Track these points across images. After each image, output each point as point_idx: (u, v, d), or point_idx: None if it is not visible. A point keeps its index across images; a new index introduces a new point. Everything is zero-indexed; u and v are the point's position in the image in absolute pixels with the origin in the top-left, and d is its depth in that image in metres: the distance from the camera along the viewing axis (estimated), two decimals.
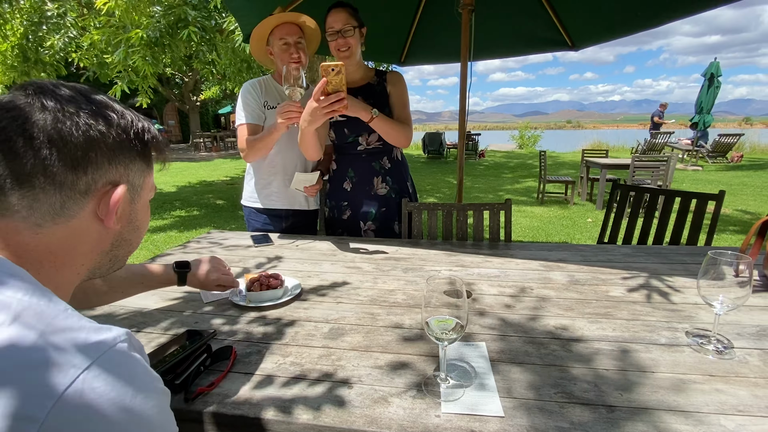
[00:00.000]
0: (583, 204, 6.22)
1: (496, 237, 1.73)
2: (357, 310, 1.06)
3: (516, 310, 1.04)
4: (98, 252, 0.51)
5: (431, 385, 0.74)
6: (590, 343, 0.87)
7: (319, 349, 0.87)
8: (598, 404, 0.68)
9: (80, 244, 0.48)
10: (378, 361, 0.82)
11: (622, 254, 1.47)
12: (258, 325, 0.99)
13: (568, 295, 1.13)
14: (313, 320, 1.00)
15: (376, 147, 1.74)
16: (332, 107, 1.26)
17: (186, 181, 9.14)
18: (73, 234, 0.47)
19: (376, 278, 1.27)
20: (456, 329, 0.70)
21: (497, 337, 0.91)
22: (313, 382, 0.76)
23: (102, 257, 0.52)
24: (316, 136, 1.50)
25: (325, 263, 1.42)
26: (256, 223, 1.86)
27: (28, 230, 0.44)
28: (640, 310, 1.03)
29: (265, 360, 0.84)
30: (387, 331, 0.94)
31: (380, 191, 1.77)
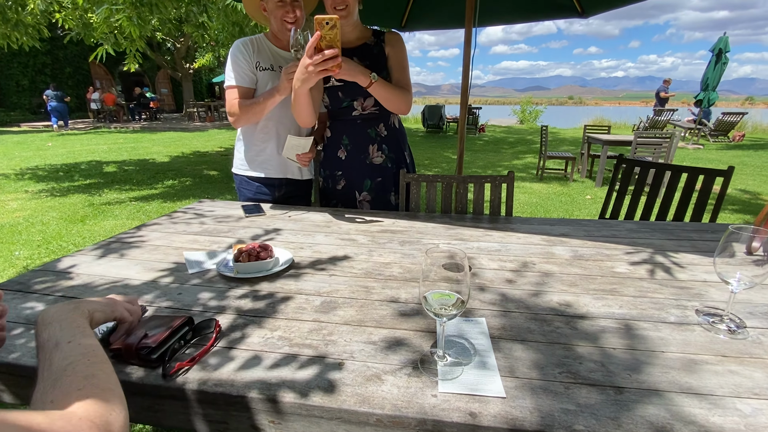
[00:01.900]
0: (582, 181, 6.15)
1: (496, 211, 1.67)
2: (351, 283, 1.00)
3: (518, 285, 0.99)
4: None
5: (428, 362, 0.70)
6: (596, 321, 0.83)
7: (310, 323, 0.82)
8: (605, 385, 0.64)
9: None
10: (372, 336, 0.78)
11: (627, 230, 1.42)
12: (245, 297, 0.93)
13: (571, 270, 1.08)
14: (304, 293, 0.95)
15: (371, 112, 1.64)
16: (326, 64, 1.16)
17: (179, 151, 8.95)
18: None
19: (372, 251, 1.21)
20: (456, 305, 0.64)
21: (498, 313, 0.86)
22: (301, 358, 0.71)
23: None
24: (309, 99, 1.41)
25: (318, 235, 1.36)
26: (247, 192, 1.78)
27: None
28: (647, 287, 0.98)
29: (252, 334, 0.79)
30: (382, 306, 0.89)
31: (376, 160, 1.69)
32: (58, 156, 8.09)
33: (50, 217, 4.13)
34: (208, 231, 1.39)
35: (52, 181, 5.79)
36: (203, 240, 1.30)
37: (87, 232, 3.72)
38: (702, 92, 9.90)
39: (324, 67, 1.18)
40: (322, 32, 1.12)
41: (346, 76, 1.35)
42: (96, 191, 5.23)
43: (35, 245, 3.39)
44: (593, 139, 6.13)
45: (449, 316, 0.65)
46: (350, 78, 1.37)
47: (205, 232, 1.39)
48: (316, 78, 1.24)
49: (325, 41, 1.13)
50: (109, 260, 1.13)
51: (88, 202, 4.68)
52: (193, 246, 1.25)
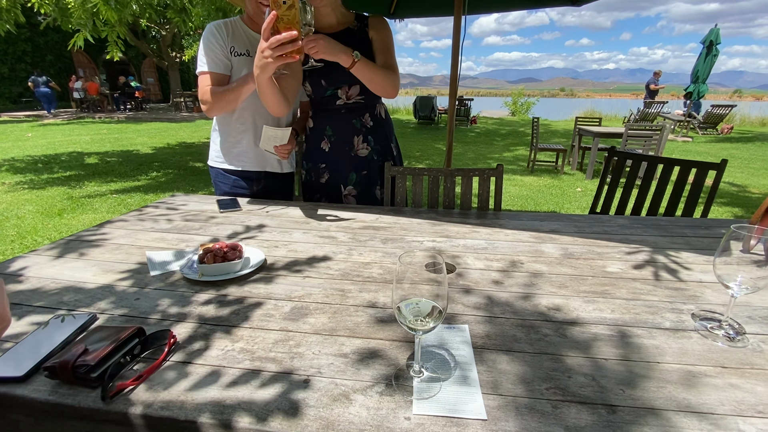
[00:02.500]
0: (573, 173, 6.13)
1: (485, 205, 1.61)
2: (326, 285, 0.93)
3: (505, 287, 0.93)
4: None
5: (403, 378, 0.63)
6: (586, 327, 0.77)
7: (276, 333, 0.75)
8: (597, 403, 0.58)
9: None
10: (343, 347, 0.71)
11: (618, 225, 1.37)
12: (209, 303, 0.86)
13: (561, 270, 1.02)
14: (273, 297, 0.87)
15: (357, 102, 1.55)
16: (283, 49, 1.05)
17: (165, 142, 8.72)
18: None
19: (351, 249, 1.14)
20: (434, 316, 0.58)
21: (483, 319, 0.80)
22: (263, 374, 0.64)
23: None
24: (274, 87, 1.30)
25: (296, 232, 1.28)
26: (224, 186, 1.68)
27: None
28: (641, 288, 0.93)
29: (211, 346, 0.71)
30: (357, 311, 0.82)
31: (361, 152, 1.61)
32: (38, 147, 7.83)
33: (26, 211, 3.98)
34: (178, 228, 1.30)
35: (30, 173, 5.59)
36: (171, 238, 1.22)
37: (64, 226, 3.58)
38: (692, 84, 9.93)
39: (282, 52, 1.07)
40: (279, 12, 1.01)
41: (327, 55, 1.26)
42: (76, 184, 5.06)
43: (9, 240, 3.26)
44: (584, 131, 6.10)
45: (425, 330, 0.58)
46: (330, 57, 1.27)
47: (174, 229, 1.30)
48: (275, 65, 1.14)
49: (282, 23, 1.03)
50: (65, 261, 1.04)
51: (67, 195, 4.52)
52: (160, 245, 1.16)
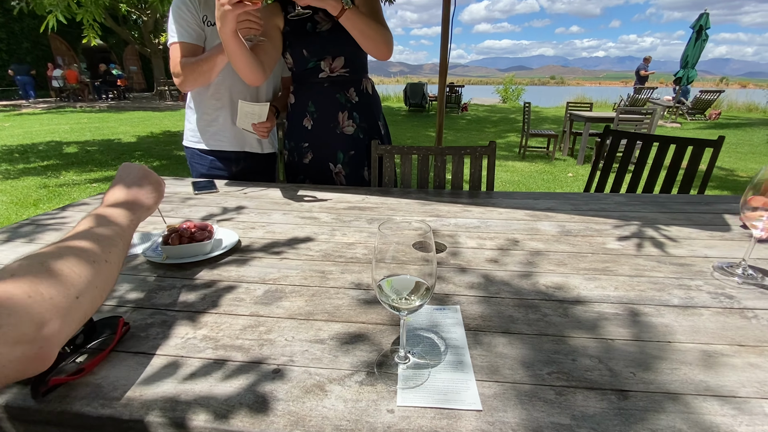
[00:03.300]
0: (564, 159, 6.10)
1: (476, 185, 1.53)
2: (304, 267, 0.85)
3: (499, 265, 0.86)
4: None
5: (387, 365, 0.56)
6: (589, 306, 0.70)
7: (245, 318, 0.66)
8: (605, 388, 0.51)
9: None
10: (320, 332, 0.63)
11: (616, 203, 1.30)
12: (172, 288, 0.77)
13: (559, 247, 0.95)
14: (245, 281, 0.79)
15: (341, 75, 1.45)
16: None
17: (148, 131, 8.47)
18: None
19: (335, 230, 1.06)
20: (419, 294, 0.50)
21: (477, 298, 0.72)
22: (228, 364, 0.56)
23: None
24: (243, 48, 1.19)
25: (275, 213, 1.19)
26: (200, 167, 1.58)
27: None
28: (644, 264, 0.86)
29: (170, 334, 0.63)
30: (338, 294, 0.74)
31: (347, 130, 1.51)
32: (14, 136, 7.52)
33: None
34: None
35: (5, 163, 5.36)
36: None
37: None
38: (681, 70, 9.94)
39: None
40: None
41: (313, 1, 1.16)
42: (53, 173, 4.86)
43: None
44: (575, 116, 6.05)
45: (410, 309, 0.50)
46: (318, 3, 1.17)
47: None
48: (234, 13, 1.05)
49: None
50: (13, 246, 0.94)
51: (43, 185, 4.33)
52: None
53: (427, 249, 0.49)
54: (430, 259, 0.49)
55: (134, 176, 0.74)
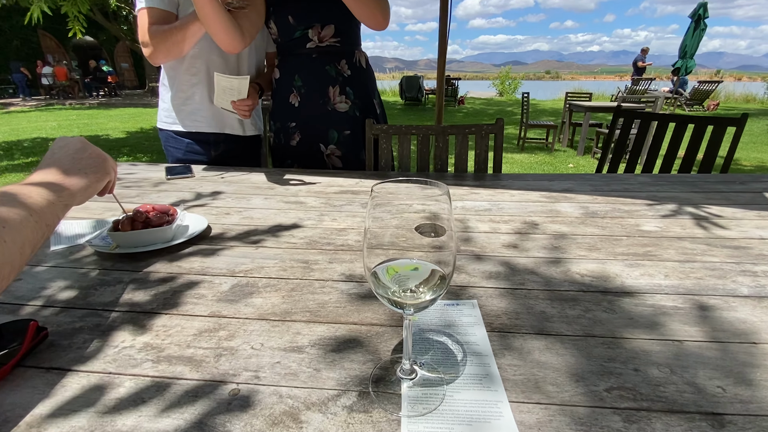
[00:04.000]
0: (564, 150, 5.97)
1: (482, 167, 1.38)
2: (284, 257, 0.70)
3: (520, 251, 0.71)
4: None
5: (386, 382, 0.41)
6: (640, 297, 0.56)
7: (203, 320, 0.52)
8: (691, 411, 0.37)
9: None
10: (299, 337, 0.48)
11: (640, 183, 1.16)
12: (118, 282, 0.62)
13: (586, 230, 0.81)
14: (210, 273, 0.64)
15: (331, 45, 1.30)
16: None
17: (138, 127, 8.26)
18: None
19: (323, 215, 0.91)
20: (431, 285, 0.35)
21: (498, 291, 0.58)
22: (169, 385, 0.41)
23: None
24: (217, 7, 1.04)
25: (255, 198, 1.04)
26: (176, 152, 1.42)
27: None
28: (692, 248, 0.72)
29: (101, 342, 0.48)
30: (324, 288, 0.59)
31: (340, 107, 1.36)
32: (0, 134, 7.30)
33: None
34: (109, 196, 1.05)
35: None
36: (96, 207, 0.96)
37: None
38: (680, 60, 9.81)
39: None
40: None
41: None
42: None
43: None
44: (575, 106, 5.91)
45: (417, 306, 0.35)
46: None
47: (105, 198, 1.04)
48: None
49: None
50: None
51: None
52: (79, 215, 0.91)
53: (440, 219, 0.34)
54: (446, 241, 0.34)
55: (68, 150, 0.60)
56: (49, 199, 0.50)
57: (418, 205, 0.36)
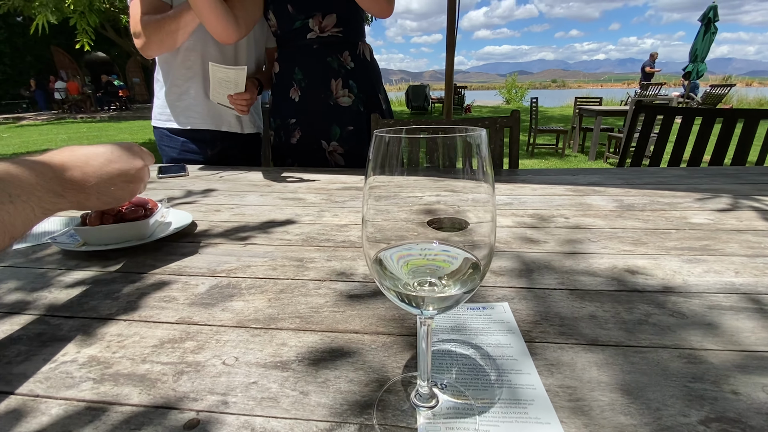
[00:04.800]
0: (575, 155, 5.84)
1: (498, 163, 1.28)
2: (275, 254, 0.60)
3: (552, 245, 0.61)
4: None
5: (396, 411, 0.31)
6: (711, 299, 0.45)
7: (167, 328, 0.42)
8: None
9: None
10: (284, 350, 0.38)
11: (674, 176, 1.05)
12: (80, 284, 0.52)
13: (626, 223, 0.70)
14: (186, 273, 0.54)
15: (333, 35, 1.22)
16: None
17: (147, 138, 8.31)
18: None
19: (323, 211, 0.81)
20: (459, 275, 0.25)
21: (529, 292, 0.47)
22: (107, 410, 0.31)
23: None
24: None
25: (250, 195, 0.95)
26: (170, 151, 1.34)
27: None
28: (757, 241, 0.61)
29: (38, 355, 0.38)
30: (319, 289, 0.49)
31: (343, 101, 1.27)
32: (11, 146, 7.40)
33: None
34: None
35: None
36: None
37: None
38: (690, 64, 9.67)
39: None
40: None
41: None
42: None
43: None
44: (585, 110, 5.80)
45: (441, 305, 0.25)
46: None
47: None
48: None
49: None
50: None
51: None
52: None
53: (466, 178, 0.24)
54: (482, 217, 0.24)
55: (104, 169, 0.52)
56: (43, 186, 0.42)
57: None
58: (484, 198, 0.25)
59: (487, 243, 0.25)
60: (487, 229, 0.25)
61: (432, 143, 0.24)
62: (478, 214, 0.25)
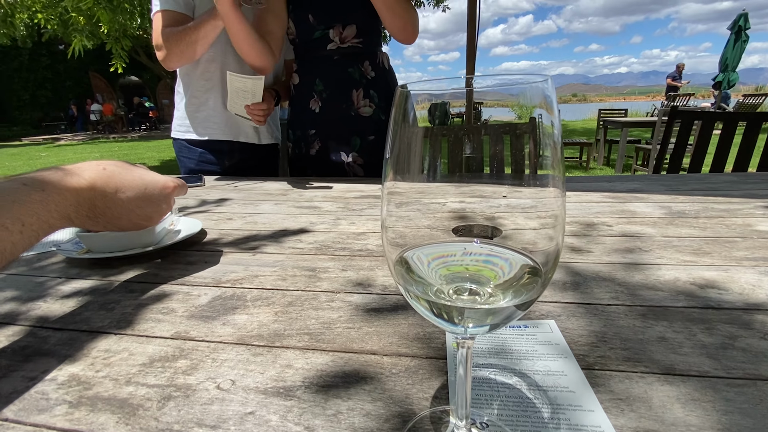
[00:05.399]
0: (600, 168, 5.65)
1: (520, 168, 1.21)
2: (286, 263, 0.55)
3: (597, 255, 0.53)
4: None
5: None
6: None
7: (160, 344, 0.37)
8: None
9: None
10: (289, 373, 0.32)
11: (724, 181, 0.95)
12: (76, 294, 0.48)
13: (680, 231, 0.61)
14: (189, 283, 0.50)
15: (353, 46, 1.20)
16: None
17: (172, 156, 8.61)
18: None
19: (339, 219, 0.76)
20: (512, 281, 0.19)
21: (580, 308, 0.40)
22: None
23: None
24: (245, 22, 1.05)
25: (265, 204, 0.91)
26: (188, 162, 1.34)
27: None
28: None
29: (14, 372, 0.34)
30: (332, 302, 0.44)
31: (364, 111, 1.24)
32: (47, 164, 7.79)
33: None
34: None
35: None
36: None
37: None
38: (721, 73, 9.33)
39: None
40: None
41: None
42: None
43: None
44: (610, 122, 5.63)
45: (486, 319, 0.19)
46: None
47: None
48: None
49: None
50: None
51: None
52: None
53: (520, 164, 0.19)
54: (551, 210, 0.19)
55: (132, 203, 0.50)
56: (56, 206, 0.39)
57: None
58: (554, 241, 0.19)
59: (553, 240, 0.19)
60: (551, 222, 0.19)
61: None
62: (539, 205, 0.19)
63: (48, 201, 0.38)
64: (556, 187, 0.19)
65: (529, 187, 0.21)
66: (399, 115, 0.20)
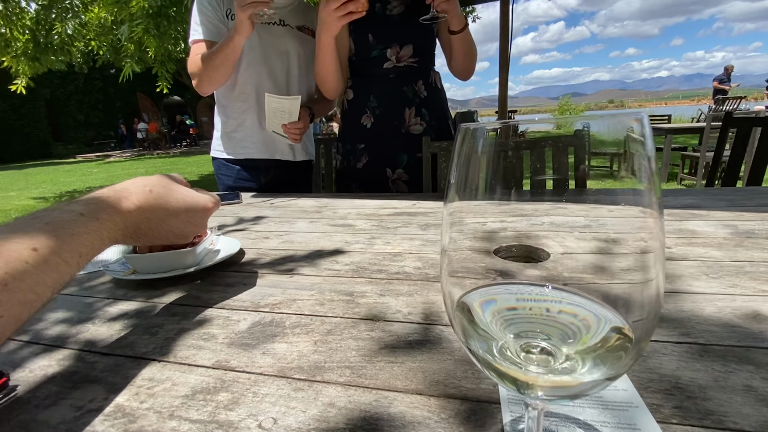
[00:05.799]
0: None
1: (562, 183, 1.16)
2: (323, 287, 0.54)
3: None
4: None
5: None
6: None
7: (202, 374, 0.36)
8: None
9: None
10: (332, 412, 0.31)
11: None
12: (122, 317, 0.50)
13: (752, 255, 0.55)
14: (229, 306, 0.50)
15: (408, 65, 1.22)
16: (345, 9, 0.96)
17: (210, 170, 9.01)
18: None
19: (374, 238, 0.75)
20: (596, 345, 0.17)
21: (652, 346, 0.36)
22: None
23: None
24: (334, 53, 1.12)
25: (300, 221, 0.92)
26: (226, 179, 1.38)
27: None
28: None
29: (68, 398, 0.34)
30: (372, 330, 0.42)
31: (414, 129, 1.25)
32: (98, 180, 8.37)
33: None
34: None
35: None
36: None
37: None
38: None
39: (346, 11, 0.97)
40: None
41: (452, 7, 1.07)
42: None
43: None
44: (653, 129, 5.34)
45: (558, 388, 0.17)
46: (453, 11, 1.09)
47: None
48: (340, 23, 1.01)
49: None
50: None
51: None
52: None
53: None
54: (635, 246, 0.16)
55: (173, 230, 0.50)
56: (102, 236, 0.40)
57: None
58: (641, 215, 0.17)
59: (650, 291, 0.17)
60: (648, 264, 0.17)
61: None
62: (628, 243, 0.17)
63: (101, 229, 0.39)
64: (651, 208, 0.17)
65: (613, 209, 0.19)
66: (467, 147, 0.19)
